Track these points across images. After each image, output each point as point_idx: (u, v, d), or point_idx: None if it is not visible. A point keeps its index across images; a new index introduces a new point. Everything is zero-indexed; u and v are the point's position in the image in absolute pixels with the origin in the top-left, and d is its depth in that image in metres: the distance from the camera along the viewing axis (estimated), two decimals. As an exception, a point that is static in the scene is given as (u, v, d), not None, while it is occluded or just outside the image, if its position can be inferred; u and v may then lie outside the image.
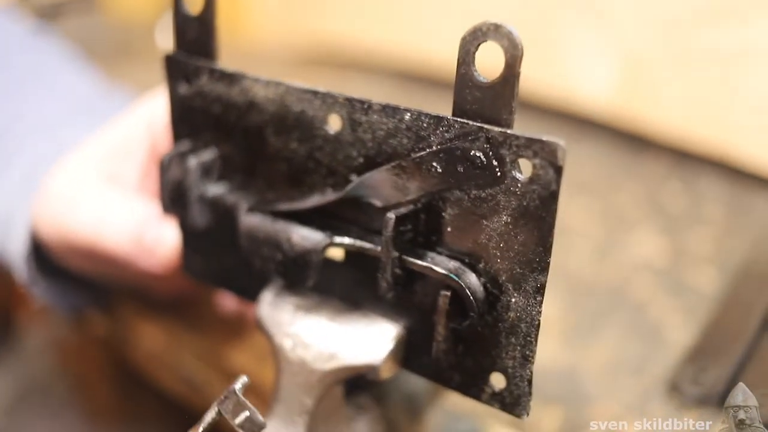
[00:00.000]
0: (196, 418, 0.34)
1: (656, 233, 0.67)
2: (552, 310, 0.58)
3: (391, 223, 0.33)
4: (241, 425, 0.32)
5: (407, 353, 0.37)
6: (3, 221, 0.52)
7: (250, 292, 0.42)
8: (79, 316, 0.63)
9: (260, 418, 0.32)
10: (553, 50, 0.86)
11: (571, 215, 0.71)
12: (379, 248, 0.35)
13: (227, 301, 0.52)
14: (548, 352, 0.54)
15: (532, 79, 0.86)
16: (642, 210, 0.72)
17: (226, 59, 0.40)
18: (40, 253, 0.52)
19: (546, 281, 0.32)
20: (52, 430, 0.96)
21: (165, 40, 1.22)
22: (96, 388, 0.96)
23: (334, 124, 0.36)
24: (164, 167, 0.40)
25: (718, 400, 0.46)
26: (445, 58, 0.92)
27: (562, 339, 0.55)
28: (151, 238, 0.44)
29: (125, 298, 0.59)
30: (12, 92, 0.60)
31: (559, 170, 0.30)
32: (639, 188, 0.76)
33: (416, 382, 0.46)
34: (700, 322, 0.55)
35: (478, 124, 0.31)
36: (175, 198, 0.41)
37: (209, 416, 0.33)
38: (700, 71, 0.75)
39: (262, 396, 0.46)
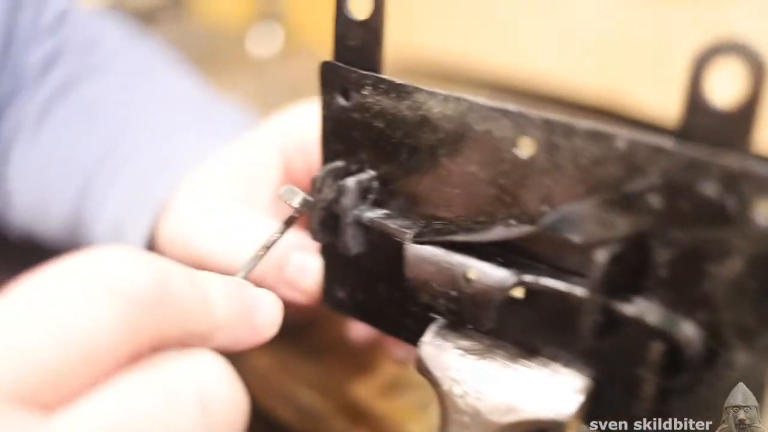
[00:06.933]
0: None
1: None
2: None
3: (601, 264, 0.28)
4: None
5: (594, 410, 0.33)
6: (113, 232, 0.49)
7: (402, 330, 0.38)
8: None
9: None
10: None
11: None
12: (577, 291, 0.30)
13: (357, 329, 0.48)
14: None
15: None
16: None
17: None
18: None
19: None
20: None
21: (256, 49, 1.19)
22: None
23: (525, 147, 0.32)
24: (317, 187, 0.36)
25: None
26: (534, 71, 0.91)
27: None
28: (295, 266, 0.41)
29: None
30: (119, 100, 0.56)
31: None
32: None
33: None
34: None
35: (710, 157, 0.27)
36: (327, 222, 0.37)
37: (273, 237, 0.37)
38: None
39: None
